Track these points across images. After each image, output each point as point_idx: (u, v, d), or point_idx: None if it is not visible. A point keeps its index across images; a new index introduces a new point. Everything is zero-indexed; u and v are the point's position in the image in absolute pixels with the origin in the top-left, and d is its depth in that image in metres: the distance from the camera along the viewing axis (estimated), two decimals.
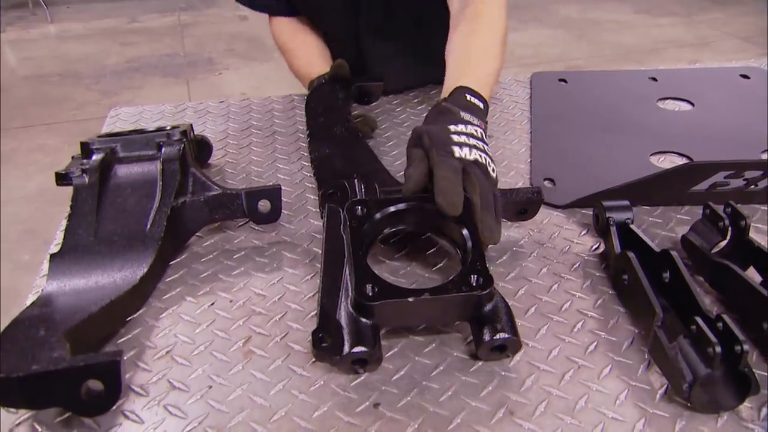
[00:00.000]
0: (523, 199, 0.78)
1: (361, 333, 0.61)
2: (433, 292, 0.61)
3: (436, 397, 0.60)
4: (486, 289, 0.61)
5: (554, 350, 0.65)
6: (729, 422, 0.57)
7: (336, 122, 0.94)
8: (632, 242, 0.73)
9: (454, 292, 0.61)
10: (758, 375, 0.60)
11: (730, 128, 1.02)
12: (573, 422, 0.57)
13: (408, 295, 0.61)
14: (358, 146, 0.91)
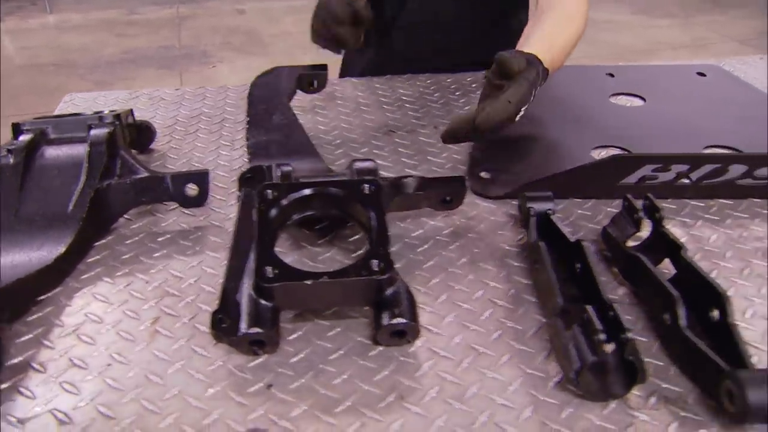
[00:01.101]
0: (446, 187, 0.77)
1: (260, 315, 0.61)
2: (331, 276, 0.61)
3: (330, 380, 0.60)
4: (385, 273, 0.61)
5: (457, 337, 0.64)
6: (616, 410, 0.57)
7: (276, 110, 0.94)
8: (551, 233, 0.73)
9: (353, 276, 0.61)
10: (655, 365, 0.60)
11: (677, 123, 1.01)
12: (461, 408, 0.57)
13: (306, 278, 0.61)
14: (295, 134, 0.90)
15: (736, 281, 0.72)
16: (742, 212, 0.83)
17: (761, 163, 0.80)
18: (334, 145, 1.00)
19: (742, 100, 1.09)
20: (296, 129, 0.92)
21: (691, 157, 0.80)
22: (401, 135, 1.03)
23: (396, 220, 0.82)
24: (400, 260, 0.75)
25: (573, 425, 0.56)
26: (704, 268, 0.68)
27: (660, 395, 0.58)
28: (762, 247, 0.77)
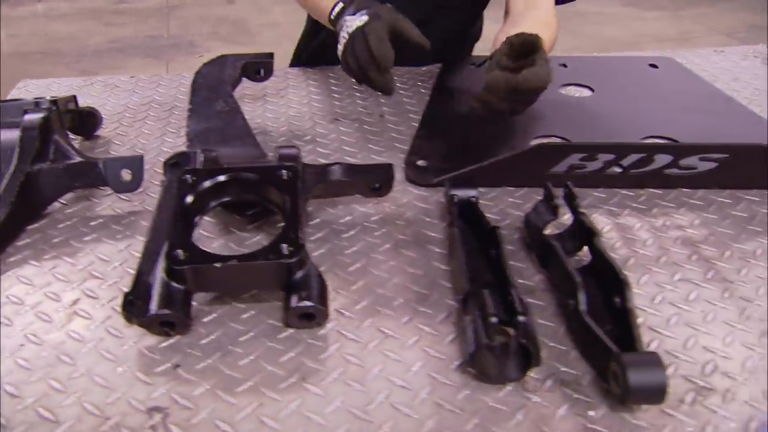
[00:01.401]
0: (373, 175, 0.78)
1: (171, 297, 0.62)
2: (240, 259, 0.62)
3: (236, 360, 0.61)
4: (293, 257, 0.62)
5: (367, 321, 0.66)
6: (512, 392, 0.58)
7: (219, 98, 0.95)
8: (474, 220, 0.74)
9: (262, 260, 0.62)
10: (558, 349, 0.61)
11: (622, 113, 1.02)
12: (360, 389, 0.58)
13: (215, 261, 0.62)
14: (235, 121, 0.91)
15: (652, 268, 0.73)
16: (670, 201, 0.84)
17: (685, 153, 0.81)
18: (278, 133, 1.01)
19: (690, 92, 1.10)
20: (237, 116, 0.93)
21: (615, 146, 0.81)
22: (346, 123, 1.04)
23: (326, 206, 0.83)
24: (325, 245, 0.76)
25: (466, 407, 0.57)
26: (624, 255, 0.70)
27: (557, 378, 0.59)
28: (682, 236, 0.78)
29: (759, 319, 0.66)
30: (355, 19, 0.87)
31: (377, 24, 0.84)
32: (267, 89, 1.15)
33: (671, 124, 0.99)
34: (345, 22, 0.89)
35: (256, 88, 1.14)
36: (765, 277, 0.71)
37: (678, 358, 0.61)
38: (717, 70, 1.22)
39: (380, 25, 0.84)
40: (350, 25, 0.88)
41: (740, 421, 0.55)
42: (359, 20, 0.86)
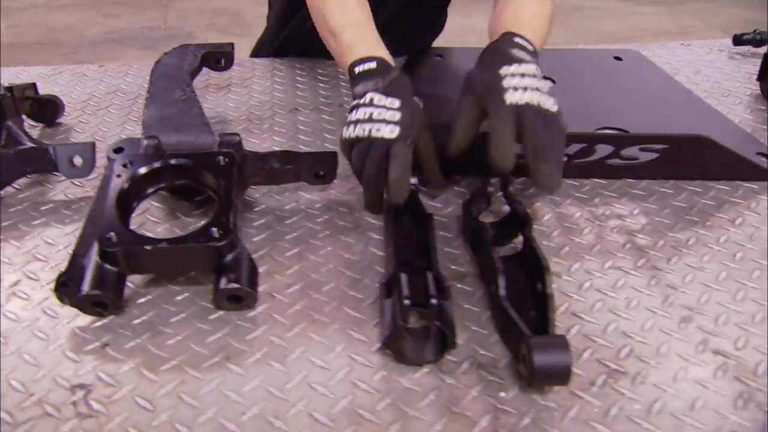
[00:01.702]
0: (317, 162, 0.80)
1: (104, 279, 0.63)
2: (170, 242, 0.64)
3: (164, 341, 0.63)
4: (223, 241, 0.64)
5: (298, 305, 0.67)
6: (428, 374, 0.59)
7: (176, 87, 0.96)
8: (413, 207, 0.75)
9: (191, 243, 0.64)
10: (480, 333, 0.63)
11: (579, 105, 1.02)
12: (281, 369, 0.60)
13: (146, 244, 0.63)
14: (192, 110, 0.93)
15: (585, 256, 0.74)
16: (613, 191, 0.85)
17: (626, 143, 0.82)
18: (237, 122, 1.03)
19: (650, 84, 1.10)
20: (193, 105, 0.94)
21: None
22: (305, 113, 1.05)
23: (273, 193, 0.84)
24: (266, 231, 0.78)
25: (381, 387, 0.58)
26: (559, 243, 0.71)
27: (474, 361, 0.61)
28: (619, 225, 0.79)
29: (681, 306, 0.67)
30: (384, 115, 0.73)
31: (405, 150, 0.71)
32: (232, 79, 1.17)
33: (627, 115, 1.00)
34: (371, 100, 0.75)
35: (221, 78, 1.16)
36: (694, 265, 0.72)
37: (595, 343, 0.63)
38: (681, 63, 1.23)
39: (407, 152, 0.71)
40: (375, 116, 0.73)
41: (645, 403, 0.57)
42: (387, 129, 0.73)
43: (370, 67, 0.78)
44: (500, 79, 0.72)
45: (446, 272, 0.70)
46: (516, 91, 0.71)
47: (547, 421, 0.55)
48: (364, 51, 0.79)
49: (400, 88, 0.76)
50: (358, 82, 0.78)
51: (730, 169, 0.85)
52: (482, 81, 0.72)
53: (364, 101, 0.75)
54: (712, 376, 0.59)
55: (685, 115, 0.98)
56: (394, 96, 0.74)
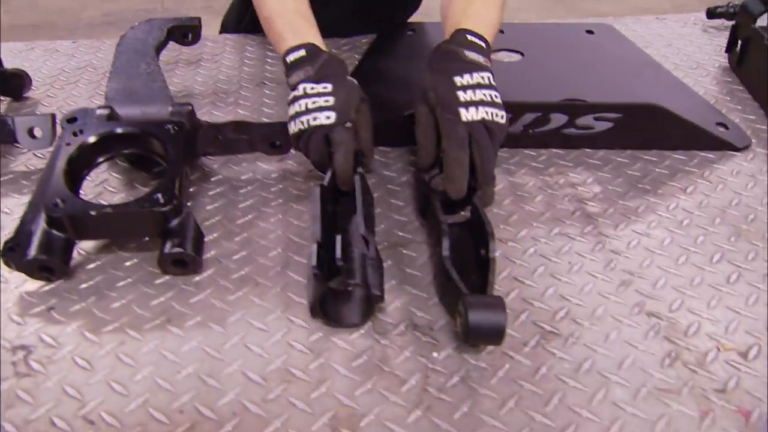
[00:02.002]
0: (270, 132, 0.81)
1: (51, 244, 0.65)
2: (115, 208, 0.65)
3: (109, 304, 0.64)
4: (167, 206, 0.65)
5: (243, 270, 0.68)
6: (363, 336, 0.61)
7: (141, 60, 0.97)
8: None
9: (136, 208, 0.65)
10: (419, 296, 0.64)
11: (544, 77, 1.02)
12: (219, 331, 0.61)
13: (91, 210, 0.65)
14: (155, 83, 0.93)
15: (533, 223, 0.75)
16: (569, 161, 0.86)
17: (579, 112, 0.83)
18: (203, 96, 1.03)
19: (619, 57, 1.10)
20: (156, 79, 0.95)
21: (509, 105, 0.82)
22: (271, 87, 1.06)
23: (231, 163, 0.85)
24: (220, 200, 0.79)
25: (315, 347, 0.59)
26: (509, 211, 0.73)
27: (411, 323, 0.62)
28: (572, 193, 0.80)
29: (622, 270, 0.68)
30: (319, 101, 0.73)
31: (345, 135, 0.72)
32: (203, 54, 1.17)
33: (591, 87, 1.00)
34: (304, 90, 0.75)
35: (192, 53, 1.16)
36: (641, 231, 0.73)
37: (533, 306, 0.64)
38: (653, 36, 1.22)
39: (348, 137, 0.72)
40: (310, 106, 0.74)
41: (575, 362, 0.58)
42: (323, 115, 0.73)
43: (299, 55, 0.78)
44: (454, 92, 0.71)
45: (393, 238, 0.71)
46: (470, 108, 0.70)
47: (477, 380, 0.56)
48: (293, 39, 0.79)
49: (331, 71, 0.76)
50: (291, 73, 0.77)
51: (687, 139, 0.86)
52: (436, 94, 0.72)
53: (297, 93, 0.75)
54: (643, 337, 0.60)
55: (649, 87, 0.99)
56: (325, 81, 0.74)
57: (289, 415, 0.53)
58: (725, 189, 0.80)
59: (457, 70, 0.72)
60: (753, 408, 0.54)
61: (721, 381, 0.56)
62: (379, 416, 0.53)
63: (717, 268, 0.68)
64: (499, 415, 0.53)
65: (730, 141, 0.86)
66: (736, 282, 0.66)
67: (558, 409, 0.54)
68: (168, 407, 0.53)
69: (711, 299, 0.64)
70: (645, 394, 0.55)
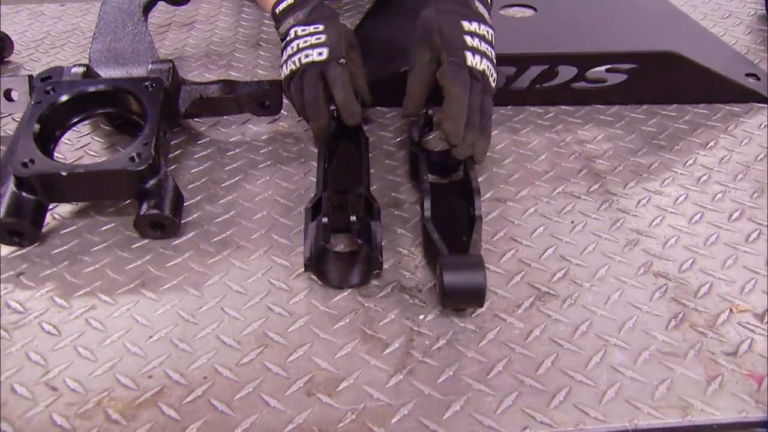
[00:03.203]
0: (259, 91, 0.80)
1: (21, 207, 0.65)
2: (88, 168, 0.65)
3: (82, 269, 0.64)
4: (141, 165, 0.65)
5: (226, 232, 0.68)
6: (346, 298, 0.60)
7: (128, 21, 0.97)
8: (354, 133, 0.75)
9: (109, 167, 0.65)
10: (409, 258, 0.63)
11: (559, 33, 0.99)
12: (195, 294, 0.61)
13: (62, 170, 0.65)
14: (141, 44, 0.93)
15: (535, 182, 0.73)
16: (579, 118, 0.84)
17: (590, 63, 0.81)
18: (194, 59, 1.03)
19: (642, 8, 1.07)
20: (143, 39, 0.95)
21: (512, 58, 0.80)
22: (267, 48, 1.05)
23: (220, 126, 0.85)
24: (206, 162, 0.79)
25: (296, 310, 0.59)
26: (510, 170, 0.73)
27: (398, 285, 0.61)
28: (579, 151, 0.78)
29: (629, 230, 0.66)
30: (310, 40, 0.74)
31: (340, 70, 0.72)
32: (198, 16, 1.17)
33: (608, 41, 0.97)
34: (295, 33, 0.76)
35: (186, 15, 1.16)
36: (652, 189, 0.71)
37: (530, 266, 0.63)
38: None
39: (343, 72, 0.72)
40: (302, 45, 0.74)
41: (571, 325, 0.57)
42: (315, 52, 0.73)
43: (288, 3, 0.78)
44: (461, 36, 0.69)
45: (386, 199, 0.71)
46: (475, 55, 0.69)
47: (463, 342, 0.55)
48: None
49: (322, 14, 0.76)
50: (281, 22, 0.78)
51: (710, 90, 0.83)
52: (442, 34, 0.70)
53: (289, 38, 0.75)
54: (648, 298, 0.59)
55: (670, 37, 0.96)
56: (316, 22, 0.75)
57: (263, 379, 0.53)
58: (751, 143, 0.77)
59: (466, 16, 0.72)
60: (766, 372, 0.52)
61: (732, 344, 0.54)
62: (357, 380, 0.52)
63: (735, 226, 0.66)
64: (485, 379, 0.52)
65: (760, 92, 0.83)
66: (756, 240, 0.64)
67: (550, 372, 0.53)
68: (136, 372, 0.54)
69: (727, 259, 0.62)
70: (647, 357, 0.53)
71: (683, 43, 0.91)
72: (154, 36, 1.06)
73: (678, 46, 0.85)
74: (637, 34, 0.97)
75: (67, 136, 0.79)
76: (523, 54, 0.81)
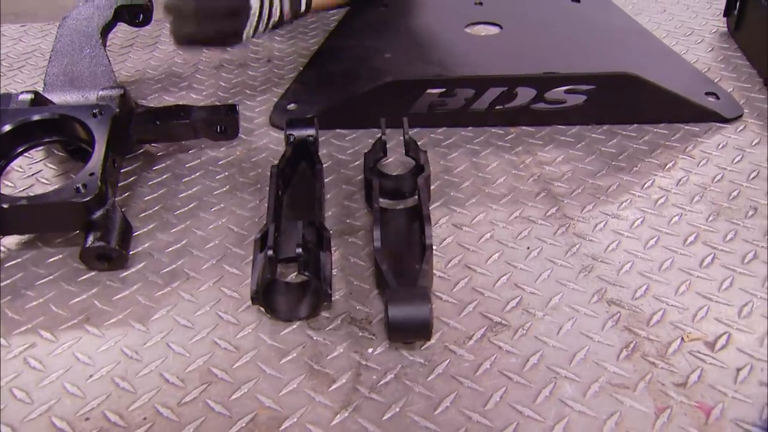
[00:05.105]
0: (215, 116, 0.79)
1: None
2: (31, 200, 0.64)
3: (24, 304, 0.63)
4: (86, 196, 0.63)
5: (175, 263, 0.67)
6: (295, 331, 0.59)
7: (86, 43, 0.96)
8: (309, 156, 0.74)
9: (54, 198, 0.63)
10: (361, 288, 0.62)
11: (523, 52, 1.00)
12: (141, 329, 0.60)
13: (3, 202, 0.63)
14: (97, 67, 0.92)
15: (492, 206, 0.72)
16: (539, 139, 0.83)
17: (548, 85, 0.80)
18: (155, 80, 1.02)
19: (606, 26, 1.07)
20: (100, 62, 0.94)
21: (471, 80, 0.80)
22: (229, 69, 1.04)
23: (177, 151, 0.84)
24: (161, 189, 0.77)
25: (242, 345, 0.58)
26: (468, 194, 0.72)
27: (348, 316, 0.60)
28: (538, 173, 0.77)
29: (585, 255, 0.65)
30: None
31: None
32: (162, 36, 1.15)
33: (572, 60, 0.97)
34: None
35: (150, 35, 1.15)
36: (609, 213, 0.70)
37: (483, 295, 0.61)
38: (647, 2, 1.19)
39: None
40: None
41: (522, 357, 0.55)
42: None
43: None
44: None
45: (341, 226, 0.70)
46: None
47: (411, 376, 0.54)
48: None
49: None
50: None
51: (669, 110, 0.83)
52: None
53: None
54: (600, 327, 0.58)
55: (633, 56, 0.96)
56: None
57: (205, 419, 0.51)
58: (708, 164, 0.77)
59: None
60: (715, 403, 0.51)
61: (682, 374, 0.53)
62: (302, 418, 0.51)
63: (690, 251, 0.65)
64: (432, 416, 0.51)
65: (718, 111, 0.83)
66: (710, 265, 0.63)
67: (498, 407, 0.51)
68: (73, 414, 0.52)
69: (680, 285, 0.61)
70: (596, 389, 0.52)
71: (645, 62, 0.91)
72: (115, 57, 1.05)
73: (639, 65, 0.84)
74: (599, 53, 0.97)
75: (18, 163, 0.78)
76: (481, 76, 0.80)
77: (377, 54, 0.99)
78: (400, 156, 0.77)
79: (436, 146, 0.82)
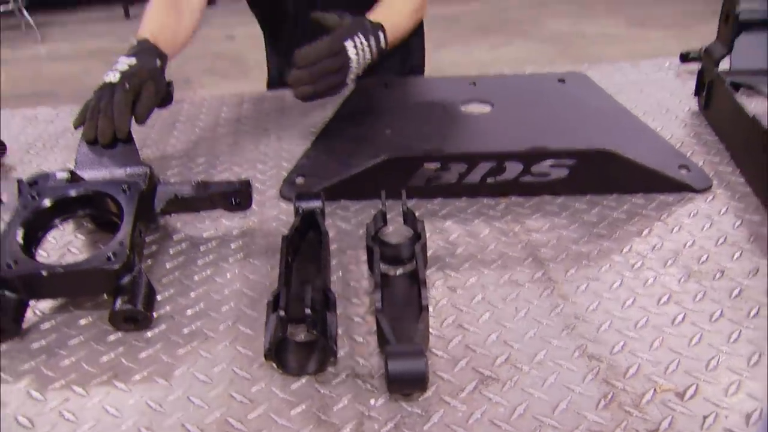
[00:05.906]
0: (230, 190, 0.86)
1: (2, 305, 0.69)
2: (66, 267, 0.70)
3: (58, 362, 0.68)
4: (116, 264, 0.69)
5: (194, 324, 0.72)
6: (304, 385, 0.64)
7: None
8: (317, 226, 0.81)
9: (86, 266, 0.70)
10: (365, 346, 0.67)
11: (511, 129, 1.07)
12: (164, 384, 0.65)
13: (42, 270, 0.69)
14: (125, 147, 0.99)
15: (483, 271, 0.78)
16: (528, 209, 0.90)
17: (533, 160, 0.87)
18: (175, 157, 1.09)
19: (589, 105, 1.15)
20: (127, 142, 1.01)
21: (463, 156, 0.87)
22: (243, 145, 1.11)
23: (195, 221, 0.90)
24: (180, 257, 0.84)
25: (257, 398, 0.63)
26: (462, 259, 0.79)
27: (353, 372, 0.65)
28: (526, 240, 0.83)
29: (567, 315, 0.70)
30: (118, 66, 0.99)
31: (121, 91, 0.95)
32: (180, 116, 1.24)
33: (557, 136, 1.05)
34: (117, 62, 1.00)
35: (170, 115, 1.23)
36: (591, 276, 0.76)
37: (475, 352, 0.67)
38: (627, 82, 1.27)
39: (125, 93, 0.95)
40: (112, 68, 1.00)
41: (510, 407, 0.60)
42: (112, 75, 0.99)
43: (132, 44, 1.03)
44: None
45: (345, 290, 0.75)
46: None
47: (410, 425, 0.59)
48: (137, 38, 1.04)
49: (142, 53, 1.00)
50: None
51: (644, 182, 0.89)
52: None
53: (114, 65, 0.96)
54: (581, 380, 0.63)
55: (612, 133, 1.03)
56: (133, 56, 0.99)
57: None
58: (681, 231, 0.83)
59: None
60: None
61: (654, 422, 0.58)
62: None
63: (662, 310, 0.70)
64: None
65: (690, 183, 0.89)
66: (680, 323, 0.68)
67: None
68: None
69: (654, 341, 0.66)
70: None
71: (623, 139, 0.98)
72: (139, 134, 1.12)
73: (618, 141, 0.92)
74: (582, 130, 1.04)
75: (51, 234, 0.84)
76: (473, 153, 0.87)
77: (378, 131, 1.07)
78: (399, 225, 0.84)
79: (433, 216, 0.89)
